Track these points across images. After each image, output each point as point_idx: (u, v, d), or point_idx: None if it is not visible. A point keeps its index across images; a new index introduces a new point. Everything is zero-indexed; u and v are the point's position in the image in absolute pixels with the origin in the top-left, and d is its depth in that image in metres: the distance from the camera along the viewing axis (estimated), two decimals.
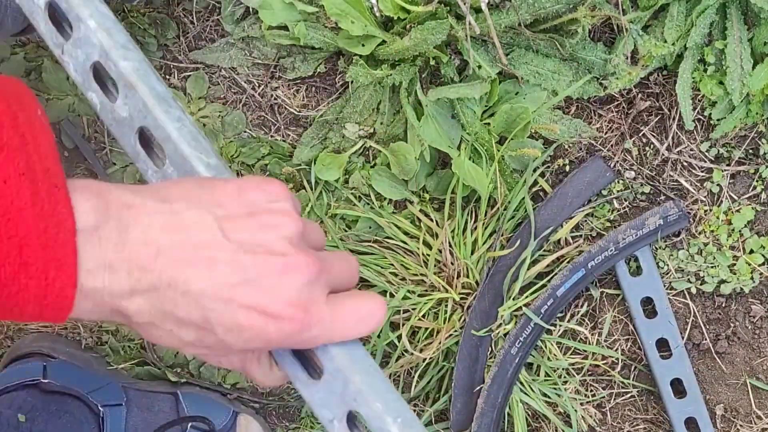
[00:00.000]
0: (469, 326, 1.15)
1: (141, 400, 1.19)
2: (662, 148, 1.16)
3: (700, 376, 1.19)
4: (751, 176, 1.16)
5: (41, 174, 0.52)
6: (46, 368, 1.17)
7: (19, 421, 1.11)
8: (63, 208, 0.52)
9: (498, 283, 1.15)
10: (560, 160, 1.16)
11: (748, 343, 1.19)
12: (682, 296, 1.19)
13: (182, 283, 0.55)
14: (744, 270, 1.17)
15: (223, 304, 0.55)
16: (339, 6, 1.03)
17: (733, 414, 1.20)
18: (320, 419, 0.62)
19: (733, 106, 1.10)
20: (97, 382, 1.18)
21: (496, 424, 1.16)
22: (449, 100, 1.09)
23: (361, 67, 1.06)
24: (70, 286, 0.52)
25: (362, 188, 1.16)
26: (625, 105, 1.16)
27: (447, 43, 1.09)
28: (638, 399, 1.21)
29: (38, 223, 0.51)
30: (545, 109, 1.12)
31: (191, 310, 0.55)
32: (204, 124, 1.19)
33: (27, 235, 0.50)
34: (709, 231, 1.17)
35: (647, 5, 1.08)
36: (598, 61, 1.10)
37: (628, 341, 1.20)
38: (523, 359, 1.16)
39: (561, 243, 1.17)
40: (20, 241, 0.50)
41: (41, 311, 0.52)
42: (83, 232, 0.53)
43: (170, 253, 0.54)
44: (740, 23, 1.07)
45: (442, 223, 1.14)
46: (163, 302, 0.55)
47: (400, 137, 1.13)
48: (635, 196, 1.17)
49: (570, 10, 1.05)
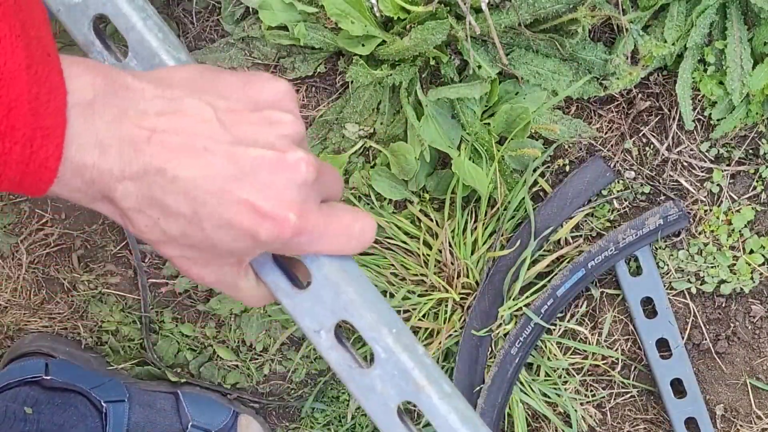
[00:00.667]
0: (469, 326, 1.15)
1: (143, 397, 1.19)
2: (662, 148, 1.16)
3: (700, 376, 1.19)
4: (751, 176, 1.16)
5: (35, 41, 0.50)
6: (48, 366, 1.17)
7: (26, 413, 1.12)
8: (56, 76, 0.50)
9: (498, 283, 1.15)
10: (560, 160, 1.16)
11: (748, 343, 1.19)
12: (682, 296, 1.19)
13: (172, 169, 0.52)
14: (744, 270, 1.17)
15: (214, 197, 0.53)
16: (339, 6, 1.03)
17: (733, 414, 1.20)
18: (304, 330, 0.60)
19: (733, 106, 1.10)
20: (99, 379, 1.18)
21: (496, 424, 1.16)
22: (449, 100, 1.09)
23: (361, 67, 1.06)
24: (55, 157, 0.50)
25: (362, 188, 1.16)
26: (625, 105, 1.16)
27: (447, 43, 1.09)
28: (638, 399, 1.21)
29: (31, 87, 0.48)
30: (545, 109, 1.12)
31: (180, 200, 0.53)
32: None
33: (18, 98, 0.48)
34: (709, 231, 1.17)
35: (647, 5, 1.08)
36: (598, 61, 1.10)
37: (628, 341, 1.20)
38: (523, 359, 1.16)
39: (561, 243, 1.17)
40: (10, 103, 0.48)
41: (21, 179, 0.50)
42: (77, 105, 0.51)
43: (164, 138, 0.52)
44: (740, 23, 1.07)
45: (442, 223, 1.14)
46: (152, 188, 0.53)
47: (400, 137, 1.13)
48: (635, 196, 1.17)
49: (570, 10, 1.05)
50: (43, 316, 1.25)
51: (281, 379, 1.25)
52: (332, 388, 1.24)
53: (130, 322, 1.24)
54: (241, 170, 0.53)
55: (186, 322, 1.24)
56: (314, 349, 1.23)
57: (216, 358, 1.24)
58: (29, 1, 0.51)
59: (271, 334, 1.23)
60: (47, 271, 1.24)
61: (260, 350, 1.23)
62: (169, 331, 1.24)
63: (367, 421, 1.24)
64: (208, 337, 1.23)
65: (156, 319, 1.24)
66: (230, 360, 1.24)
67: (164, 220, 0.54)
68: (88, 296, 1.24)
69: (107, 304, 1.23)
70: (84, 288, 1.23)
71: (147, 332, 1.23)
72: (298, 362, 1.23)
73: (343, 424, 1.24)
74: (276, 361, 1.24)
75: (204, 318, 1.24)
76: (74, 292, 1.24)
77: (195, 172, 0.53)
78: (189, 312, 1.24)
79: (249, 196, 0.54)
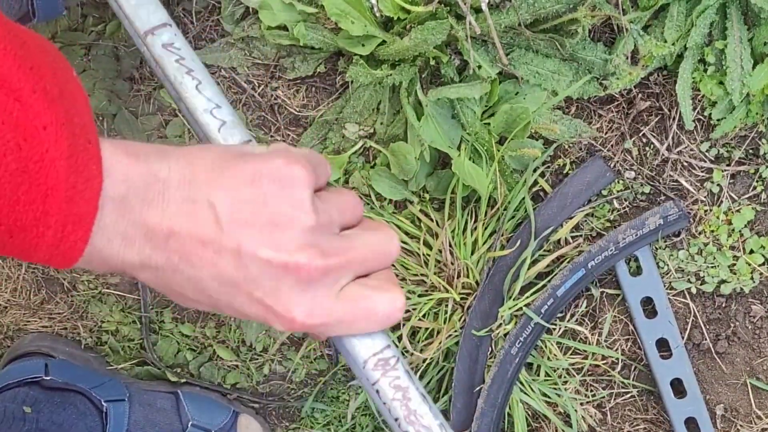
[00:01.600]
0: (469, 326, 1.15)
1: (143, 397, 1.19)
2: (662, 148, 1.16)
3: (700, 376, 1.19)
4: (751, 176, 1.16)
5: (78, 128, 0.52)
6: (48, 366, 1.17)
7: (25, 413, 1.12)
8: (94, 165, 0.52)
9: (498, 283, 1.15)
10: (560, 160, 1.16)
11: (748, 343, 1.19)
12: (682, 296, 1.19)
13: (187, 270, 0.56)
14: (744, 270, 1.16)
15: (228, 295, 0.57)
16: (339, 6, 1.03)
17: (733, 414, 1.20)
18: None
19: (733, 106, 1.10)
20: (99, 378, 1.18)
21: (496, 424, 1.16)
22: (449, 100, 1.09)
23: (361, 67, 1.06)
24: (83, 241, 0.53)
25: (362, 188, 1.16)
26: (625, 105, 1.16)
27: (447, 43, 1.09)
28: (638, 399, 1.21)
29: (69, 176, 0.51)
30: (545, 109, 1.12)
31: (197, 294, 0.57)
32: None
33: (55, 186, 0.50)
34: (709, 231, 1.17)
35: (647, 5, 1.08)
36: (598, 61, 1.10)
37: (628, 341, 1.20)
38: (523, 359, 1.16)
39: (561, 243, 1.17)
40: (47, 190, 0.50)
41: (50, 258, 0.53)
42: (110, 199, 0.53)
43: (179, 239, 0.55)
44: (740, 23, 1.07)
45: (443, 223, 1.14)
46: (170, 282, 0.56)
47: (400, 137, 1.13)
48: (635, 196, 1.17)
49: (570, 10, 1.05)
50: (43, 316, 1.25)
51: (281, 379, 1.25)
52: (332, 388, 1.24)
53: (129, 322, 1.24)
54: (248, 273, 0.56)
55: (186, 322, 1.24)
56: (314, 350, 1.23)
57: (216, 358, 1.24)
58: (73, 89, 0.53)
59: (271, 334, 1.22)
60: (47, 271, 1.24)
61: (260, 350, 1.23)
62: (168, 331, 1.24)
63: (368, 421, 1.24)
64: (208, 337, 1.23)
65: (156, 319, 1.24)
66: (230, 360, 1.24)
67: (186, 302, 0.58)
68: (87, 296, 1.23)
69: (107, 304, 1.23)
70: (84, 288, 1.23)
71: (147, 332, 1.23)
72: (298, 362, 1.23)
73: (343, 424, 1.24)
74: (276, 361, 1.24)
75: (204, 318, 1.24)
76: (74, 292, 1.24)
77: (206, 273, 0.56)
78: (189, 312, 1.24)
79: (260, 296, 0.57)
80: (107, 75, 1.19)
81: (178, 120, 1.19)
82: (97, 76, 1.18)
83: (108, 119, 1.19)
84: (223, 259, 0.56)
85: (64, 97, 0.52)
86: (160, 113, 1.20)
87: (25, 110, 0.49)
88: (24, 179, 0.49)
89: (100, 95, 1.18)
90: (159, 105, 1.19)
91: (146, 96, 1.19)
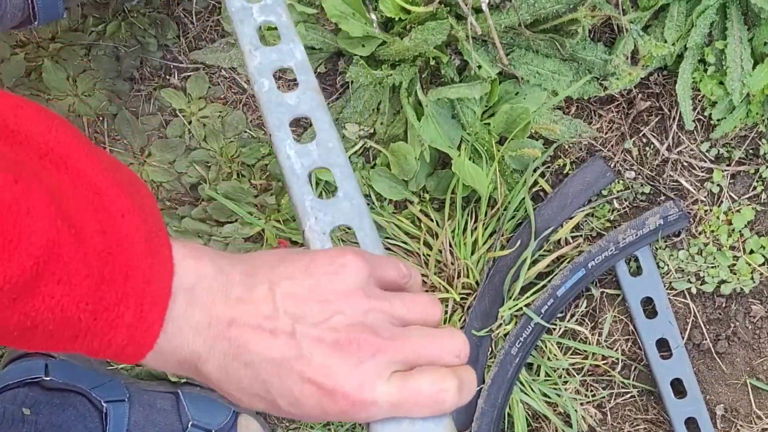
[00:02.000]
0: (469, 326, 1.15)
1: (143, 397, 1.19)
2: (662, 148, 1.16)
3: (700, 376, 1.19)
4: (751, 176, 1.16)
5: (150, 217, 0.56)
6: (48, 366, 1.17)
7: (24, 414, 1.12)
8: (166, 251, 0.56)
9: (498, 283, 1.15)
10: (560, 160, 1.16)
11: (748, 343, 1.19)
12: (683, 296, 1.19)
13: (246, 354, 0.58)
14: (744, 270, 1.17)
15: (281, 377, 0.58)
16: (338, 7, 1.03)
17: (733, 414, 1.20)
18: None
19: (734, 106, 1.10)
20: (100, 378, 1.18)
21: (496, 424, 1.16)
22: (449, 100, 1.09)
23: (361, 67, 1.06)
24: (158, 324, 0.55)
25: (362, 189, 1.16)
26: (626, 105, 1.16)
27: (447, 44, 1.09)
28: (638, 399, 1.21)
29: (146, 257, 0.54)
30: (545, 109, 1.12)
31: (253, 382, 0.58)
32: (204, 125, 1.19)
33: (136, 267, 0.54)
34: (709, 231, 1.17)
35: (647, 5, 1.08)
36: (599, 61, 1.10)
37: (628, 341, 1.20)
38: (523, 359, 1.16)
39: (561, 243, 1.17)
40: (129, 271, 0.53)
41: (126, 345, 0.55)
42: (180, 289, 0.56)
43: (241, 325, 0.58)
44: (740, 23, 1.07)
45: (443, 223, 1.14)
46: (229, 371, 0.58)
47: (400, 137, 1.13)
48: (635, 196, 1.17)
49: (570, 10, 1.05)
50: None
51: None
52: None
53: None
54: (300, 352, 0.58)
55: None
56: None
57: None
58: (138, 185, 0.58)
59: None
60: None
61: None
62: None
63: None
64: None
65: None
66: None
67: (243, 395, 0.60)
68: None
69: None
70: None
71: None
72: None
73: (343, 425, 1.24)
74: None
75: None
76: None
77: (262, 355, 0.58)
78: None
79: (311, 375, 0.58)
80: (107, 75, 1.19)
81: (179, 120, 1.19)
82: (97, 76, 1.18)
83: (108, 119, 1.19)
84: (278, 340, 0.58)
85: (135, 189, 0.57)
86: (161, 113, 1.20)
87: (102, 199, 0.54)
88: (108, 260, 0.53)
89: (100, 95, 1.18)
90: (159, 105, 1.19)
91: (146, 96, 1.20)
